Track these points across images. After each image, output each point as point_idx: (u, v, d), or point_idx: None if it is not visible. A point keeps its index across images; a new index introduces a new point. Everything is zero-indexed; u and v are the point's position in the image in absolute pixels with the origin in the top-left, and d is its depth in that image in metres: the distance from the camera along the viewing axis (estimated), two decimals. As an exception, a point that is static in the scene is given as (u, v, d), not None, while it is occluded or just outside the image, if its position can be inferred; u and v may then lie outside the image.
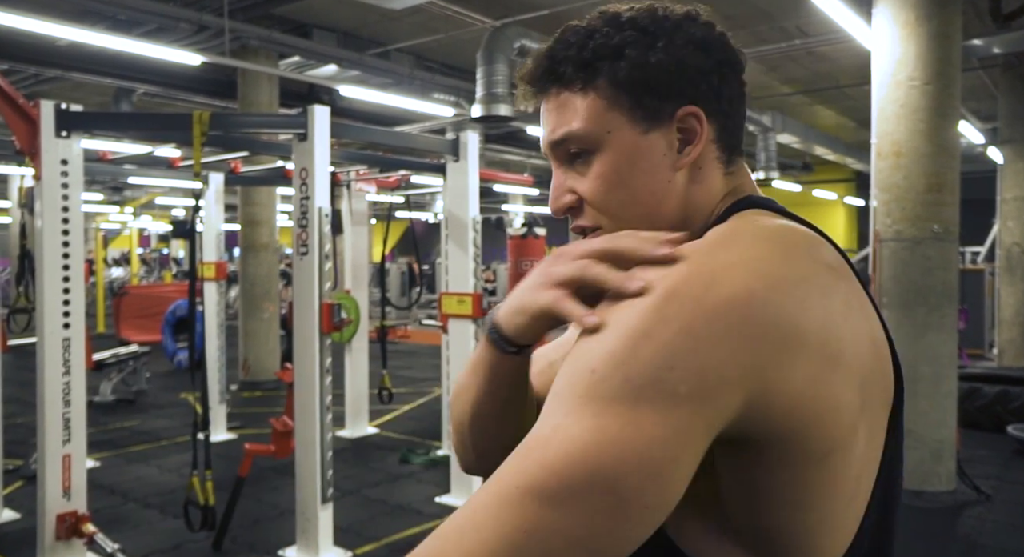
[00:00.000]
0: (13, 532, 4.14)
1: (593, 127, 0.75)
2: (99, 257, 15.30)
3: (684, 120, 0.76)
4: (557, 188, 0.80)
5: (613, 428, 0.57)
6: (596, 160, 0.76)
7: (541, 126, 0.82)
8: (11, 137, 3.74)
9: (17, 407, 6.19)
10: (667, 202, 0.77)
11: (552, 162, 0.81)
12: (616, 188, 0.76)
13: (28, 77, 8.72)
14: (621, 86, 0.75)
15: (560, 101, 0.77)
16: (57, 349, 3.53)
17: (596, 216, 0.78)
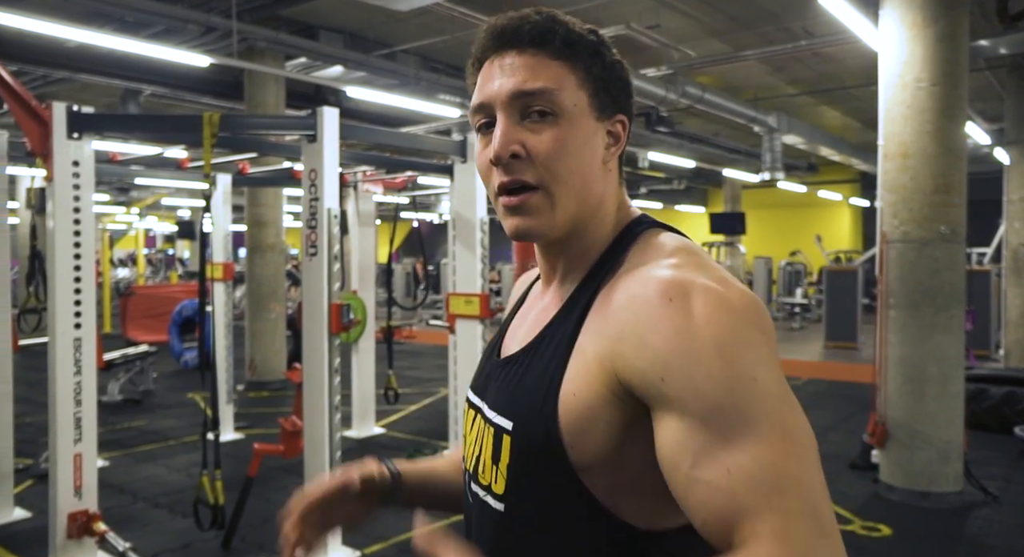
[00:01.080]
0: (24, 531, 4.16)
1: (568, 96, 0.84)
2: (105, 257, 15.35)
3: (614, 124, 0.89)
4: (506, 135, 0.84)
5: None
6: (558, 124, 0.84)
7: (492, 77, 0.86)
8: (22, 138, 3.77)
9: (27, 407, 6.23)
10: (595, 186, 0.88)
11: (500, 110, 0.85)
12: (569, 155, 0.84)
13: (37, 78, 8.76)
14: (592, 77, 0.86)
15: (537, 61, 0.85)
16: (69, 349, 3.55)
17: (541, 175, 0.84)
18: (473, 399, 0.97)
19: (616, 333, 0.78)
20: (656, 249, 0.85)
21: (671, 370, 0.73)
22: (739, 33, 8.63)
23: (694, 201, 23.00)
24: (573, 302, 0.87)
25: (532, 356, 0.87)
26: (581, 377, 0.80)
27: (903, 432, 4.73)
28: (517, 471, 0.84)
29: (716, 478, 0.70)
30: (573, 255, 0.90)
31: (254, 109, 8.35)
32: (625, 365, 0.76)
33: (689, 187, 21.00)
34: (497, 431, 0.87)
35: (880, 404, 4.86)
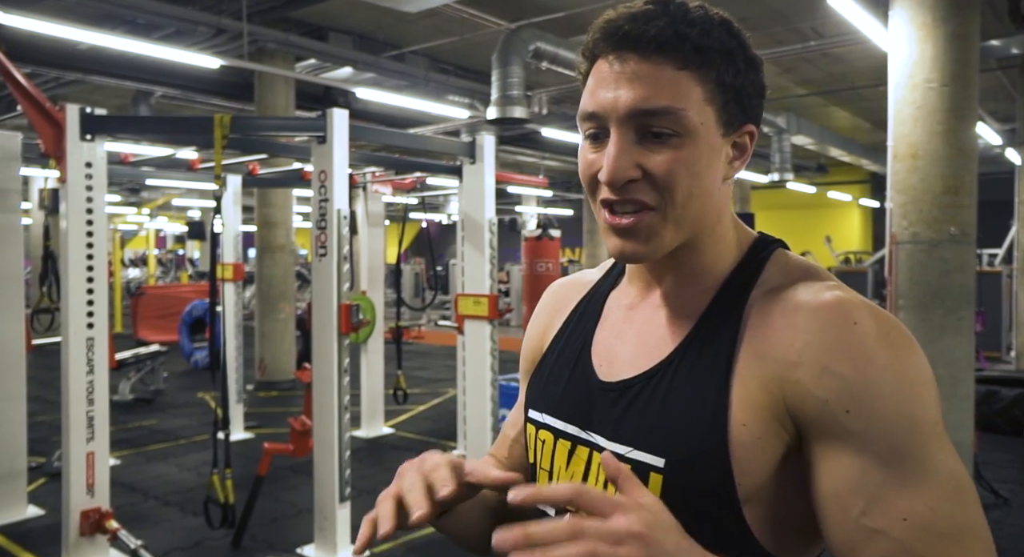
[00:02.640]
0: (38, 528, 4.20)
1: (693, 115, 0.74)
2: (116, 258, 15.45)
3: (741, 136, 0.80)
4: (621, 157, 0.75)
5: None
6: (682, 145, 0.75)
7: (608, 83, 0.76)
8: (36, 140, 3.81)
9: (40, 406, 6.28)
10: (713, 205, 0.79)
11: (615, 126, 0.76)
12: (691, 177, 0.75)
13: (50, 80, 8.83)
14: (723, 86, 0.76)
15: (661, 73, 0.74)
16: (81, 348, 3.59)
17: (658, 197, 0.75)
18: (564, 428, 0.86)
19: (790, 357, 0.72)
20: (801, 269, 0.79)
21: (859, 402, 0.68)
22: (748, 34, 8.60)
23: (703, 202, 22.97)
24: (716, 318, 0.79)
25: (668, 381, 0.78)
26: (748, 405, 0.73)
27: (913, 434, 4.71)
28: (671, 508, 0.72)
29: (891, 527, 0.67)
30: (689, 271, 0.82)
31: (264, 110, 8.40)
32: (801, 391, 0.71)
33: (698, 188, 20.99)
34: (637, 468, 0.76)
35: (889, 406, 4.85)
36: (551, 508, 0.83)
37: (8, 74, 3.54)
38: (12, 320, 4.33)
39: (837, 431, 0.69)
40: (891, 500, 0.67)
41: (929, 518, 0.67)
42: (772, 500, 0.74)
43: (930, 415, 0.69)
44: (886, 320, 0.72)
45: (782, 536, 0.75)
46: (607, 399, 0.82)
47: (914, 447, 0.68)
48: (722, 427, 0.73)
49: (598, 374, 0.85)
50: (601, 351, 0.87)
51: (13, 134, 4.39)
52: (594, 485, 0.80)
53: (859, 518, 0.68)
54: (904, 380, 0.69)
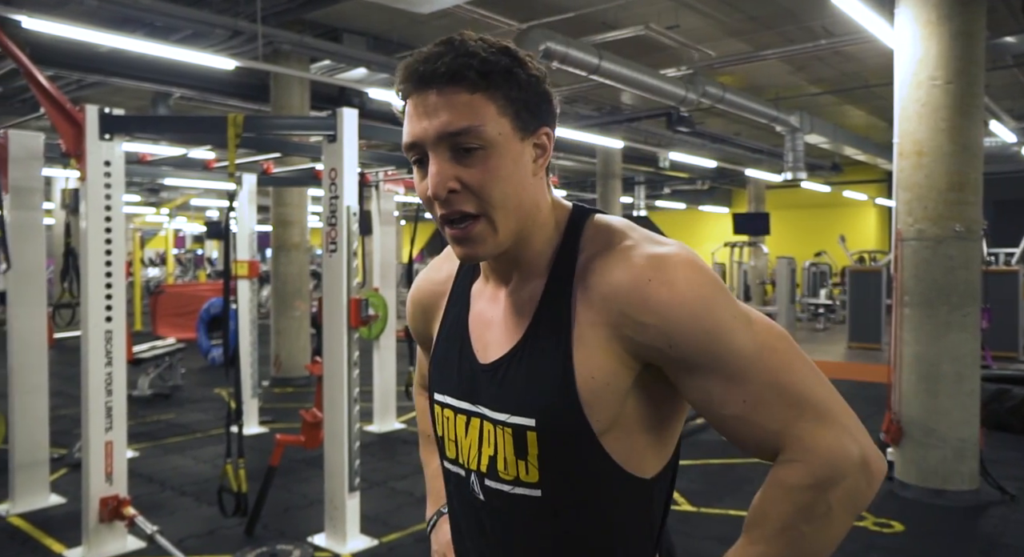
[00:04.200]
0: (59, 515, 4.33)
1: (492, 128, 0.90)
2: (136, 257, 15.69)
3: (540, 137, 0.96)
4: (440, 174, 0.90)
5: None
6: (487, 155, 0.90)
7: (417, 117, 0.91)
8: (58, 140, 3.94)
9: (61, 400, 6.44)
10: (528, 198, 0.95)
11: (431, 150, 0.91)
12: (502, 181, 0.91)
13: (71, 82, 9.02)
14: (511, 100, 0.91)
15: (456, 99, 0.89)
16: (100, 341, 3.71)
17: (479, 204, 0.91)
18: (458, 404, 1.04)
19: (613, 320, 0.90)
20: (606, 232, 0.97)
21: (673, 338, 0.88)
22: (759, 32, 8.64)
23: (718, 201, 22.91)
24: (550, 300, 0.96)
25: (525, 357, 0.96)
26: (592, 361, 0.91)
27: (918, 430, 4.74)
28: (548, 458, 0.94)
29: (740, 410, 0.89)
30: (527, 259, 0.99)
31: (279, 111, 8.53)
32: (634, 344, 0.90)
33: (712, 187, 20.94)
34: (517, 430, 0.95)
35: (895, 402, 4.88)
36: (460, 468, 1.05)
37: (31, 76, 3.67)
38: (35, 315, 4.46)
39: (672, 362, 0.90)
40: (732, 392, 0.89)
41: (759, 393, 0.88)
42: (625, 424, 0.94)
43: (724, 317, 0.89)
44: (670, 263, 0.89)
45: (635, 454, 0.95)
46: (486, 378, 1.00)
47: (726, 348, 0.88)
48: (571, 384, 0.91)
49: (478, 358, 1.02)
50: (476, 338, 1.04)
51: (36, 134, 4.52)
52: (487, 447, 1.00)
53: (720, 411, 0.90)
54: (695, 304, 0.88)
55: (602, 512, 0.96)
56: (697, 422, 6.04)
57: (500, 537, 1.01)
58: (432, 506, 1.27)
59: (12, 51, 3.68)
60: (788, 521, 0.88)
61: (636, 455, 0.95)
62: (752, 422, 0.89)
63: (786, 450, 0.89)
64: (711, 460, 5.48)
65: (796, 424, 0.88)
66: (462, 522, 1.08)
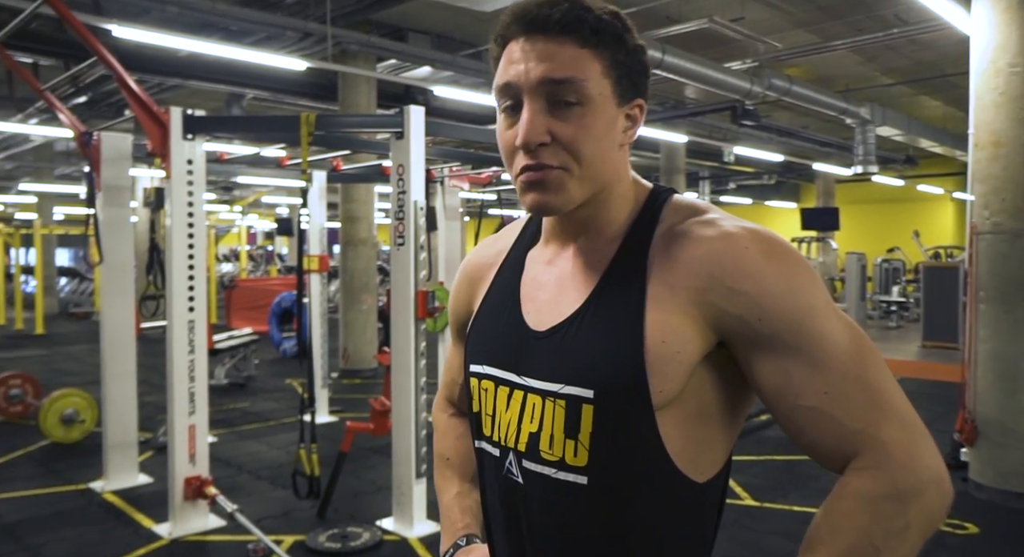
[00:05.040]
0: (147, 494, 4.60)
1: (595, 86, 0.87)
2: (211, 253, 16.30)
3: (633, 108, 0.93)
4: (534, 123, 0.87)
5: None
6: (585, 113, 0.87)
7: (519, 60, 0.88)
8: (143, 141, 4.17)
9: (147, 387, 6.75)
10: (611, 166, 0.92)
11: (528, 96, 0.87)
12: (594, 141, 0.88)
13: (153, 86, 9.44)
14: (616, 64, 0.89)
15: (565, 49, 0.86)
16: (184, 330, 3.92)
17: (566, 158, 0.88)
18: (502, 375, 0.96)
19: (698, 284, 0.85)
20: (690, 208, 0.93)
21: (764, 309, 0.82)
22: (827, 23, 8.46)
23: (785, 197, 22.42)
24: (622, 261, 0.90)
25: (588, 322, 0.89)
26: (666, 325, 0.85)
27: (994, 430, 4.60)
28: (602, 438, 0.85)
29: (818, 401, 0.82)
30: (596, 226, 0.94)
31: (347, 109, 8.76)
32: (718, 312, 0.84)
33: (779, 182, 20.50)
34: (571, 402, 0.87)
35: (969, 401, 4.75)
36: (494, 448, 0.97)
37: (122, 81, 3.90)
38: (124, 305, 4.74)
39: (757, 338, 0.84)
40: (814, 380, 0.82)
41: (845, 385, 0.82)
42: (684, 405, 0.86)
43: (819, 299, 0.84)
44: (767, 237, 0.86)
45: (689, 447, 0.88)
46: (538, 345, 0.93)
47: (818, 330, 0.83)
48: (639, 347, 0.85)
49: (529, 324, 0.95)
50: (528, 302, 0.98)
51: (124, 136, 4.79)
52: (529, 423, 0.92)
53: (796, 401, 0.83)
54: (791, 281, 0.84)
55: (650, 512, 0.87)
56: (761, 418, 5.98)
57: (537, 527, 0.92)
58: (447, 539, 1.12)
59: (106, 58, 3.92)
60: (862, 536, 0.79)
61: (690, 450, 0.87)
62: (831, 417, 0.82)
63: (864, 455, 0.81)
64: (775, 456, 5.43)
65: (880, 427, 0.81)
66: (493, 508, 1.00)
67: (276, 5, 7.45)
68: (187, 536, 3.92)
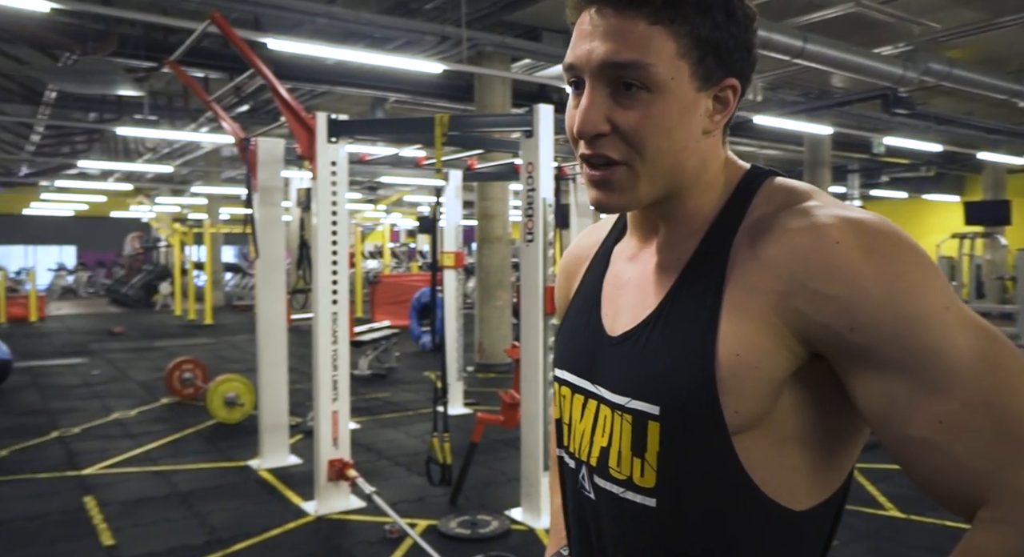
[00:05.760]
0: (297, 473, 4.97)
1: (665, 69, 0.75)
2: (358, 250, 17.18)
3: (723, 89, 0.79)
4: (592, 110, 0.77)
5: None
6: (652, 100, 0.76)
7: (584, 37, 0.78)
8: (294, 145, 4.49)
9: (296, 376, 7.26)
10: (691, 159, 0.80)
11: (589, 79, 0.78)
12: (662, 133, 0.76)
13: (304, 93, 10.11)
14: (699, 40, 0.76)
15: (631, 26, 0.75)
16: (328, 322, 4.20)
17: (628, 152, 0.77)
18: (578, 382, 0.89)
19: (780, 287, 0.72)
20: (786, 194, 0.79)
21: (858, 317, 0.69)
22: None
23: (945, 189, 20.78)
24: (701, 260, 0.80)
25: (660, 328, 0.80)
26: (742, 336, 0.73)
27: None
28: (669, 459, 0.77)
29: (931, 433, 0.67)
30: (679, 217, 0.83)
31: (483, 110, 8.99)
32: (802, 320, 0.71)
33: (940, 174, 19.05)
34: (637, 418, 0.79)
35: None
36: (571, 459, 0.90)
37: (274, 89, 4.22)
38: (276, 298, 5.13)
39: (851, 351, 0.70)
40: (924, 406, 0.67)
41: (963, 415, 0.66)
42: (773, 430, 0.75)
43: (935, 304, 0.68)
44: (870, 228, 0.71)
45: (781, 473, 0.76)
46: (611, 352, 0.85)
47: (928, 344, 0.67)
48: (710, 362, 0.74)
49: (606, 328, 0.87)
50: (607, 304, 0.89)
51: (278, 141, 5.17)
52: (600, 437, 0.84)
53: (903, 429, 0.69)
54: (897, 281, 0.68)
55: (731, 542, 0.77)
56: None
57: (607, 547, 0.86)
58: (552, 545, 1.07)
59: (261, 69, 4.26)
60: None
61: (783, 476, 0.75)
62: (947, 453, 0.67)
63: (993, 505, 0.66)
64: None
65: (1017, 470, 0.65)
66: (569, 520, 0.95)
67: (415, 11, 7.77)
68: (330, 514, 4.20)
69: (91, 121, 11.80)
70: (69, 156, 14.45)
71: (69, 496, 4.56)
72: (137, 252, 22.27)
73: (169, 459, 5.33)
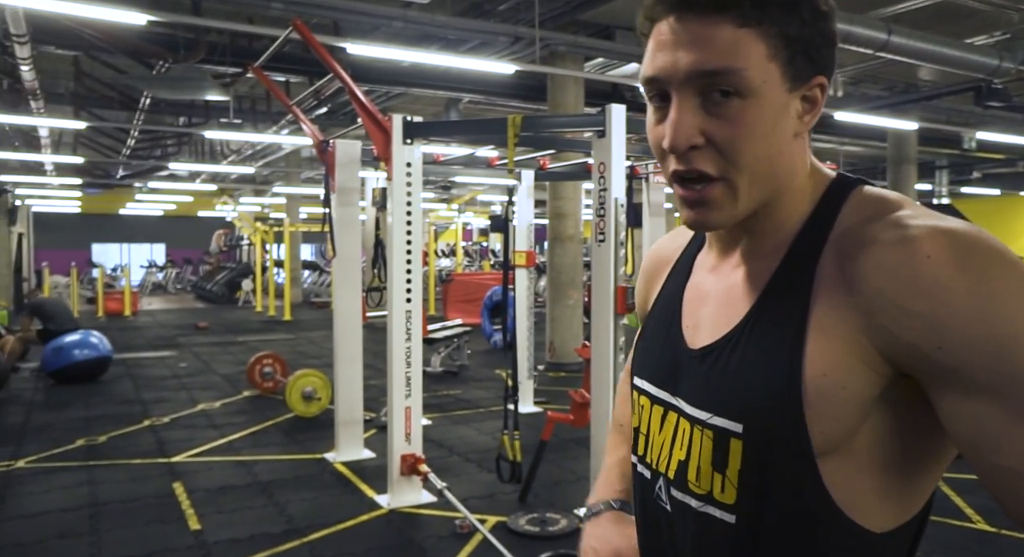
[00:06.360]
0: (370, 467, 5.10)
1: (757, 73, 0.72)
2: (431, 249, 17.45)
3: (811, 89, 0.77)
4: (684, 123, 0.74)
5: None
6: (745, 107, 0.73)
7: (666, 47, 0.75)
8: (370, 146, 4.61)
9: (371, 372, 7.44)
10: (783, 163, 0.77)
11: (676, 91, 0.75)
12: (757, 141, 0.74)
13: (380, 95, 10.33)
14: (788, 40, 0.73)
15: (718, 32, 0.72)
16: (402, 319, 4.29)
17: (724, 165, 0.75)
18: (657, 393, 0.89)
19: (868, 304, 0.69)
20: (873, 203, 0.76)
21: (946, 336, 0.65)
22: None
23: (1046, 185, 19.66)
24: (787, 275, 0.77)
25: (744, 345, 0.78)
26: (829, 355, 0.71)
27: None
28: (751, 477, 0.76)
29: (1020, 465, 0.64)
30: (764, 229, 0.81)
31: (555, 109, 9.00)
32: (889, 338, 0.69)
33: (1038, 169, 18.03)
34: (719, 434, 0.78)
35: None
36: (647, 469, 0.91)
37: (352, 92, 4.34)
38: (352, 296, 5.27)
39: (939, 372, 0.67)
40: (1015, 434, 0.64)
41: None
42: (858, 454, 0.73)
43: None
44: (965, 242, 0.67)
45: (864, 496, 0.74)
46: (692, 365, 0.83)
47: (1022, 368, 0.63)
48: (796, 382, 0.72)
49: (686, 340, 0.86)
50: (688, 315, 0.88)
51: (355, 143, 5.31)
52: (679, 450, 0.84)
53: (991, 457, 0.65)
54: (991, 301, 0.64)
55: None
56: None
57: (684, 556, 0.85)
58: (599, 494, 1.08)
59: (339, 73, 4.38)
60: None
61: (865, 498, 0.74)
62: None
63: None
64: (1018, 477, 4.84)
65: None
66: (640, 530, 0.94)
67: (489, 13, 7.84)
68: (403, 507, 4.30)
69: (181, 125, 12.35)
70: (160, 158, 15.16)
71: (160, 482, 4.81)
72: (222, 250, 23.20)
73: (250, 449, 5.55)
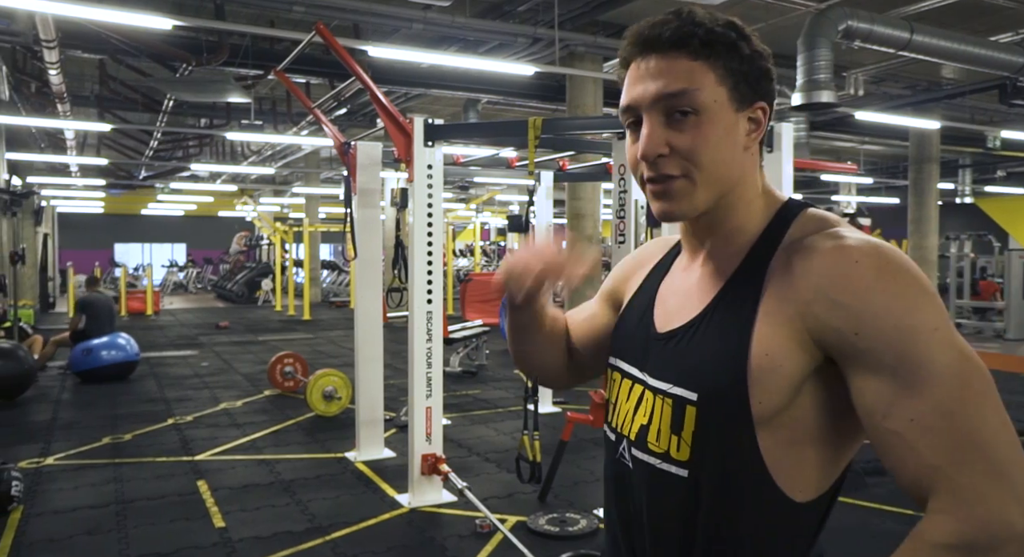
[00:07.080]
0: (391, 466, 5.14)
1: (708, 94, 0.92)
2: (449, 248, 17.50)
3: (755, 112, 0.96)
4: (653, 137, 0.93)
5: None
6: (700, 122, 0.92)
7: (637, 81, 0.94)
8: (391, 147, 4.65)
9: (391, 372, 7.51)
10: (735, 169, 0.96)
11: (646, 112, 0.94)
12: (710, 147, 0.93)
13: (399, 96, 10.39)
14: (731, 71, 0.93)
15: (677, 64, 0.92)
16: (423, 320, 4.32)
17: (686, 166, 0.93)
18: (628, 369, 1.06)
19: (806, 296, 0.86)
20: (816, 221, 0.94)
21: (863, 324, 0.82)
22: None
23: (1071, 184, 19.39)
24: (744, 275, 0.94)
25: (702, 329, 0.95)
26: (772, 339, 0.87)
27: None
28: (702, 438, 0.91)
29: (903, 428, 0.80)
30: (724, 232, 0.98)
31: (574, 110, 9.01)
32: (819, 324, 0.85)
33: (1064, 167, 17.79)
34: (677, 402, 0.94)
35: None
36: (612, 433, 1.07)
37: (373, 95, 4.38)
38: (373, 296, 5.32)
39: (854, 353, 0.84)
40: (902, 404, 0.80)
41: (931, 418, 0.79)
42: (790, 426, 0.89)
43: (927, 323, 0.81)
44: (884, 254, 0.85)
45: (791, 467, 0.89)
46: (659, 345, 1.01)
47: (917, 353, 0.80)
48: (743, 359, 0.88)
49: (656, 326, 1.04)
50: (659, 305, 1.06)
51: (375, 144, 5.35)
52: (641, 416, 1.00)
53: (881, 422, 0.82)
54: (900, 299, 0.82)
55: (742, 517, 0.90)
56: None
57: (642, 508, 1.00)
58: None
59: (361, 76, 4.42)
60: None
61: (792, 469, 0.89)
62: (911, 447, 0.79)
63: (937, 497, 0.78)
64: None
65: (960, 469, 0.77)
66: (608, 487, 1.09)
67: (508, 14, 7.87)
68: (423, 506, 4.34)
69: (203, 127, 12.49)
70: (182, 159, 15.33)
71: (184, 480, 4.88)
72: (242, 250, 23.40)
73: (272, 448, 5.62)
